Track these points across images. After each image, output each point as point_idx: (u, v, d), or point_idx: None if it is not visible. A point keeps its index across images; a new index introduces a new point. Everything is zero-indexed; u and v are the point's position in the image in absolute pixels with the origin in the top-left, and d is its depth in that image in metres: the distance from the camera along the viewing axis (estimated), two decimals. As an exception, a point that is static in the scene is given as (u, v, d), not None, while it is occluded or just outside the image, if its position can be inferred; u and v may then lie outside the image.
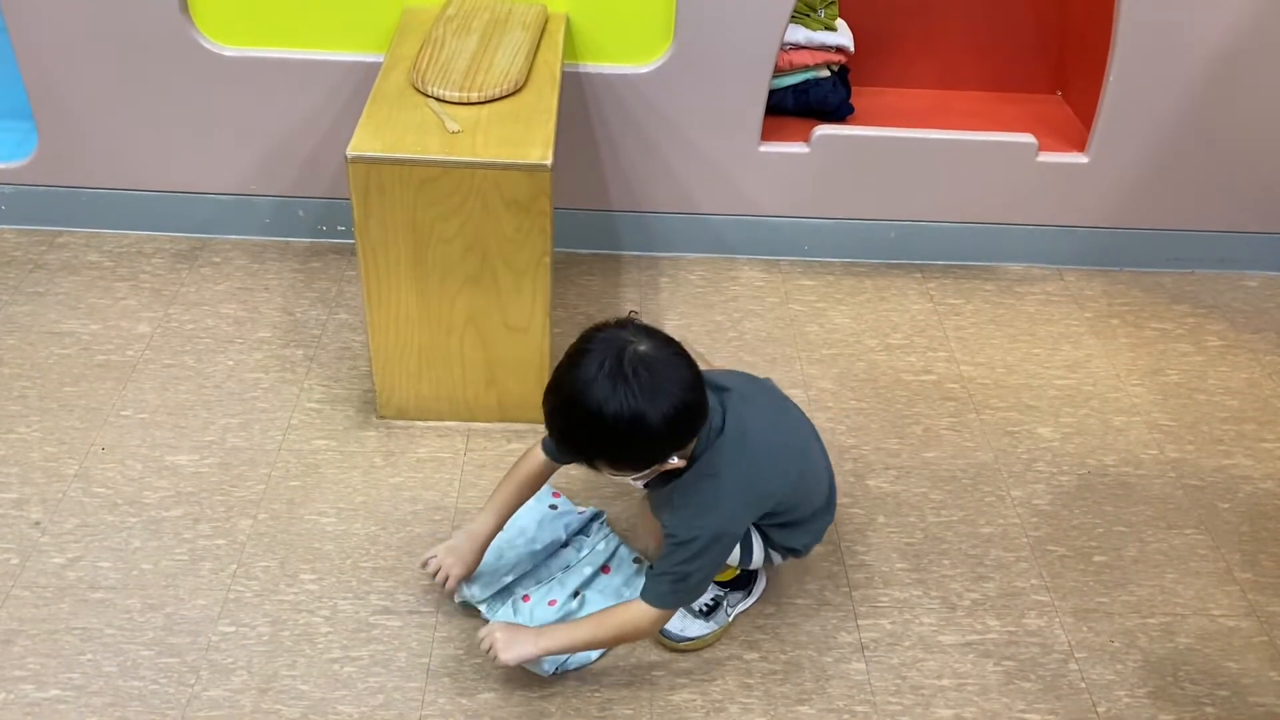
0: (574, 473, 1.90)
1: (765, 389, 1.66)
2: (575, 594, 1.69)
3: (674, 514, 1.48)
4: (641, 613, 1.50)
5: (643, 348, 1.35)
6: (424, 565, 1.65)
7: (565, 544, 1.78)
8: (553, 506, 1.82)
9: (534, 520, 1.77)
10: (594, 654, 1.64)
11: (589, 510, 1.83)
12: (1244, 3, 2.27)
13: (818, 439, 1.68)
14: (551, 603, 1.67)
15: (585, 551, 1.76)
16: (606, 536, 1.79)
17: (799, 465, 1.58)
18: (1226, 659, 1.72)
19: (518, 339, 1.94)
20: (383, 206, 1.79)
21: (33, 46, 2.27)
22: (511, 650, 1.50)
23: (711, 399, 1.46)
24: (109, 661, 1.60)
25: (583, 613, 1.65)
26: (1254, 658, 1.72)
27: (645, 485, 1.53)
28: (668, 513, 1.50)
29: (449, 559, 1.63)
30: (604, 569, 1.75)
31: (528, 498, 1.65)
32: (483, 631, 1.53)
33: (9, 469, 1.90)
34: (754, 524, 1.58)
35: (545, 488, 1.71)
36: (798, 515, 1.60)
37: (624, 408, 1.32)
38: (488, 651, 1.51)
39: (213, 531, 1.81)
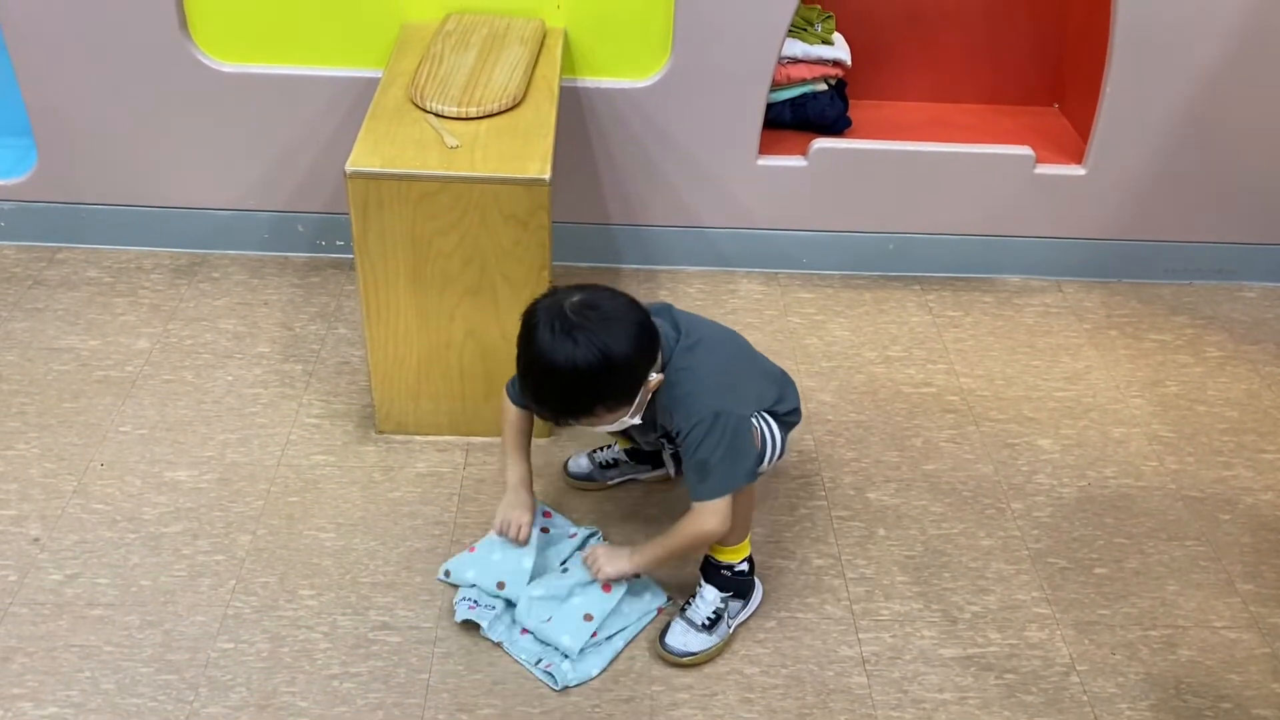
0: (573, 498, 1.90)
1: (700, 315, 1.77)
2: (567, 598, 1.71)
3: (664, 417, 1.59)
4: (698, 514, 1.59)
5: (576, 298, 1.49)
6: (501, 533, 1.74)
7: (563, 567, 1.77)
8: (544, 529, 1.81)
9: (528, 554, 1.75)
10: (595, 669, 1.63)
11: (582, 531, 1.83)
12: (1240, 16, 2.28)
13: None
14: (548, 620, 1.67)
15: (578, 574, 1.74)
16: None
17: (747, 347, 1.74)
18: (1229, 671, 1.71)
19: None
20: (381, 221, 1.79)
21: (32, 63, 2.28)
22: (612, 565, 1.67)
23: (657, 320, 1.59)
24: (107, 679, 1.60)
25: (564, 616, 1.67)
26: (1256, 670, 1.72)
27: (641, 419, 1.60)
28: (660, 420, 1.61)
29: (512, 513, 1.74)
30: (605, 588, 1.73)
31: (531, 435, 1.78)
32: (586, 555, 1.70)
33: (8, 485, 1.89)
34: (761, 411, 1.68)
35: (538, 506, 1.80)
36: (773, 396, 1.72)
37: (590, 351, 1.44)
38: (593, 565, 1.68)
39: (212, 547, 1.81)
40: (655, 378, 1.54)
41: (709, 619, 1.67)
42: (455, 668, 1.64)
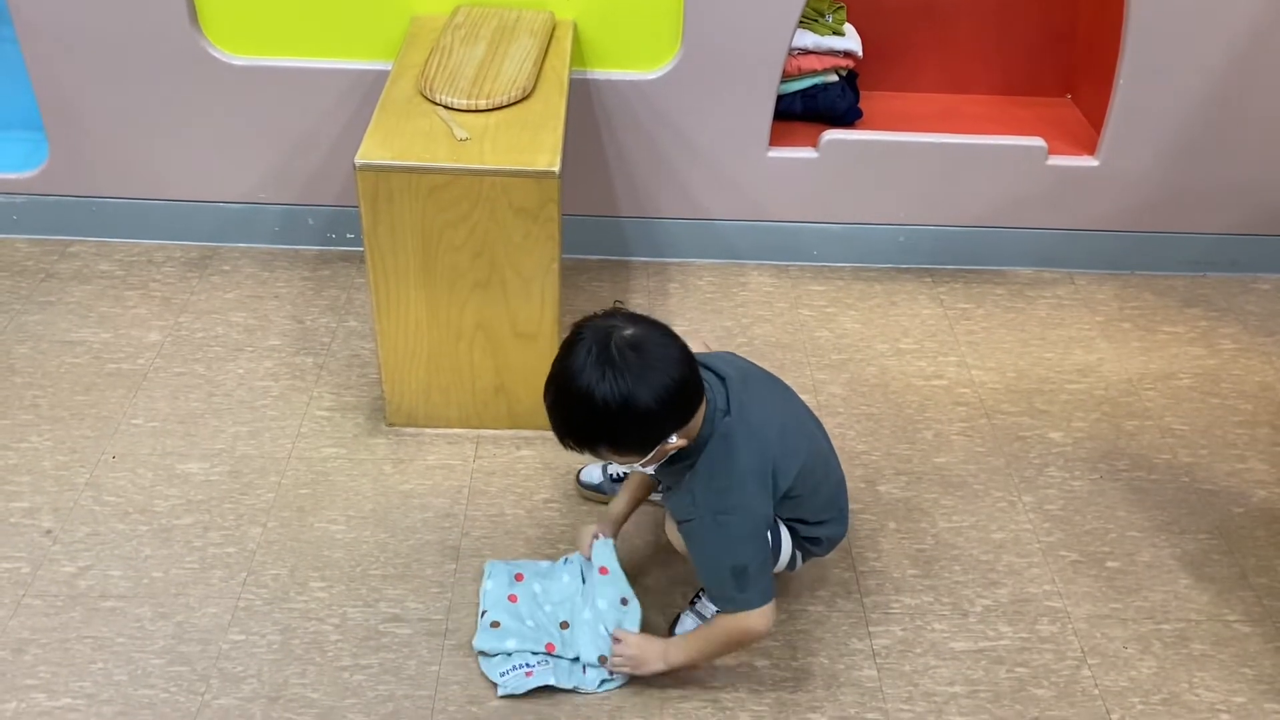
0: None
1: (763, 373, 1.66)
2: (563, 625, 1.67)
3: (690, 496, 1.48)
4: (736, 623, 1.51)
5: (628, 332, 1.39)
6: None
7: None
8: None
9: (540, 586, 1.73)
10: (590, 684, 1.61)
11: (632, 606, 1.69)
12: (1254, 5, 2.26)
13: (820, 428, 1.68)
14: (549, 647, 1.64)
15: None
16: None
17: (805, 444, 1.58)
18: (1242, 665, 1.70)
19: (527, 345, 1.94)
20: (391, 214, 1.79)
21: (43, 57, 2.28)
22: (643, 668, 1.58)
23: (713, 381, 1.50)
24: (120, 670, 1.61)
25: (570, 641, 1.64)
26: (1269, 664, 1.71)
27: (655, 474, 1.53)
28: (685, 495, 1.50)
29: (587, 530, 1.73)
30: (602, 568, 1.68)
31: (648, 494, 1.73)
32: (617, 649, 1.59)
33: (21, 477, 1.90)
34: (783, 519, 1.58)
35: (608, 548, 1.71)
36: (812, 505, 1.59)
37: (613, 391, 1.35)
38: (622, 665, 1.59)
39: (223, 539, 1.81)
40: (676, 441, 1.43)
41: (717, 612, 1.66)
42: (465, 659, 1.64)
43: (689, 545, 1.52)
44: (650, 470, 1.51)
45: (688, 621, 1.67)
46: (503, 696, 1.59)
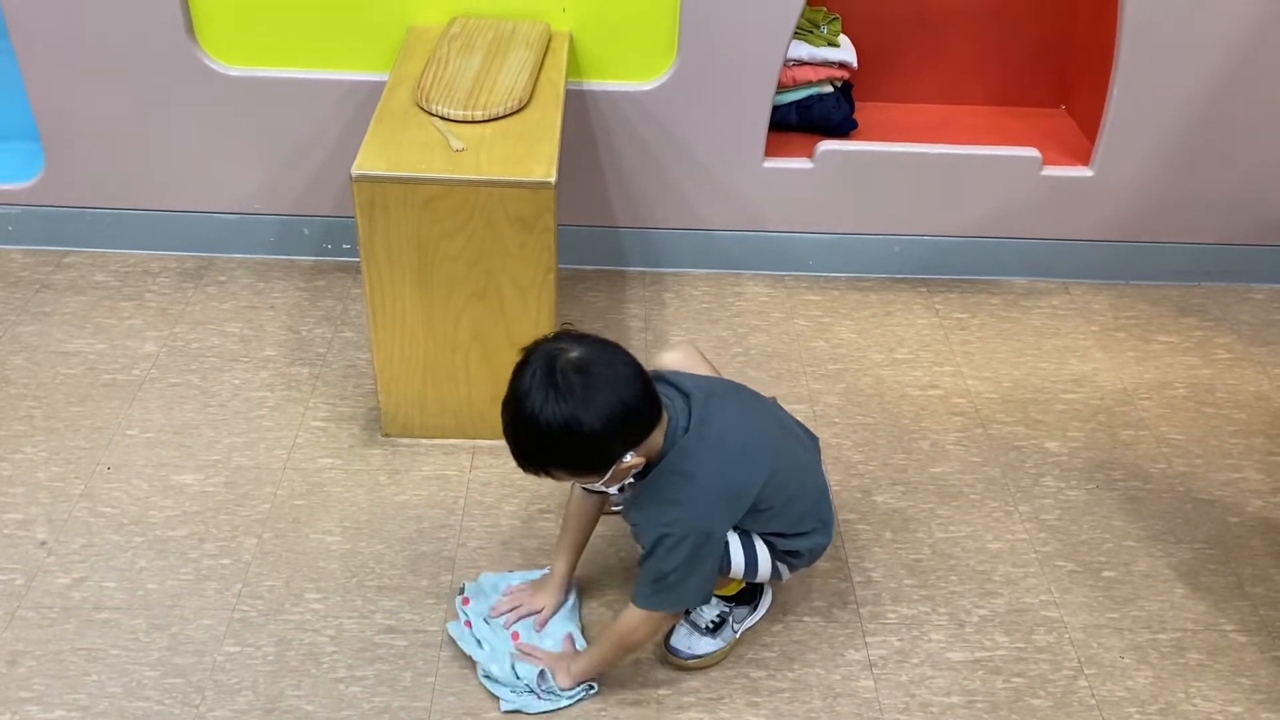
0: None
1: (733, 389, 1.64)
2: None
3: (641, 511, 1.51)
4: (631, 617, 1.54)
5: (574, 354, 1.38)
6: (507, 595, 1.70)
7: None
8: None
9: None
10: (576, 694, 1.61)
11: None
12: (1247, 15, 2.27)
13: (801, 439, 1.67)
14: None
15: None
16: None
17: (770, 459, 1.55)
18: (1239, 675, 1.70)
19: (523, 356, 1.93)
20: (387, 224, 1.79)
21: (39, 67, 2.28)
22: (560, 678, 1.59)
23: (675, 398, 1.50)
24: (114, 682, 1.60)
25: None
26: (1266, 673, 1.71)
27: (620, 490, 1.53)
28: (636, 510, 1.52)
29: (535, 597, 1.69)
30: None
31: (590, 531, 1.70)
32: (531, 664, 1.61)
33: (15, 489, 1.90)
34: (759, 534, 1.58)
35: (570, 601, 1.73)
36: (787, 518, 1.58)
37: (556, 414, 1.35)
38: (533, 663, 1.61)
39: (218, 551, 1.81)
40: (632, 459, 1.41)
41: (713, 622, 1.66)
42: (461, 671, 1.64)
43: (639, 544, 1.53)
44: (613, 490, 1.51)
45: (682, 630, 1.67)
46: (507, 713, 1.58)
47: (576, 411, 1.35)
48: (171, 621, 1.69)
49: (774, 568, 1.61)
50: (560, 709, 1.59)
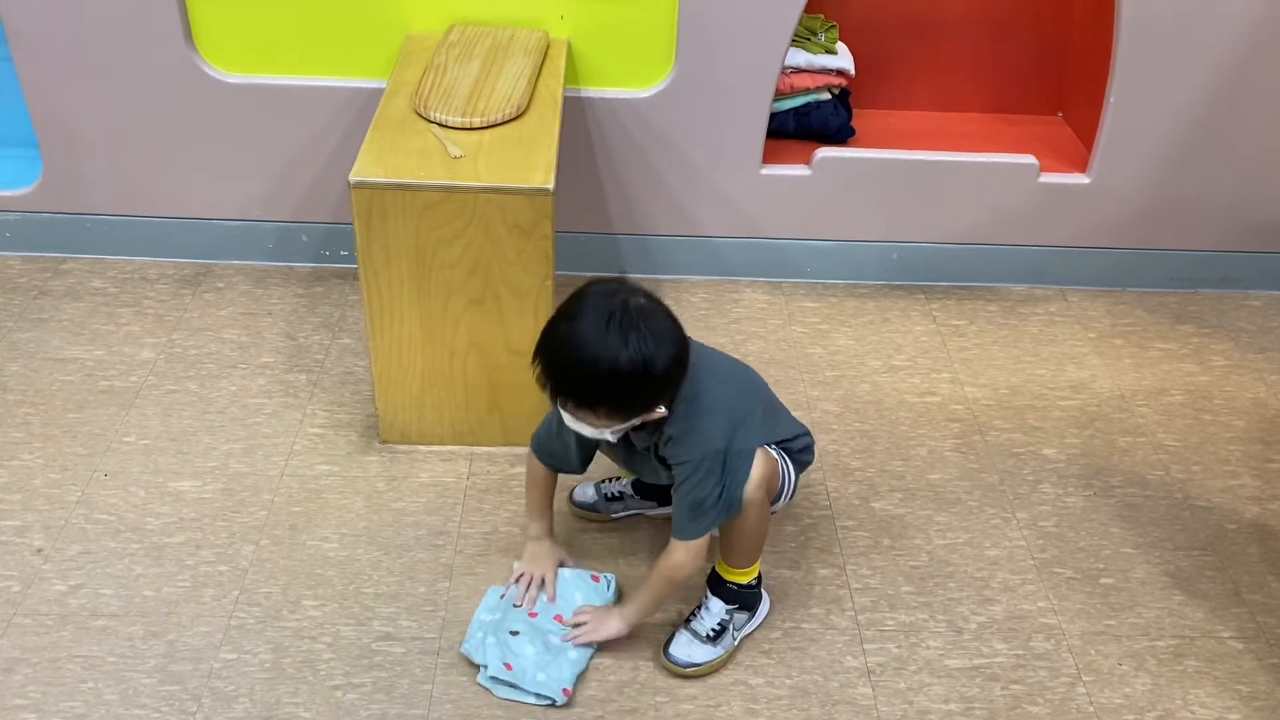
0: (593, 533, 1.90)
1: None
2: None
3: (676, 448, 1.55)
4: (676, 553, 1.58)
5: (641, 301, 1.47)
6: (516, 582, 1.74)
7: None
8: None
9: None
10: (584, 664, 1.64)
11: (605, 577, 1.77)
12: (1243, 23, 2.28)
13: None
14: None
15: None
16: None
17: (753, 377, 1.70)
18: (1236, 682, 1.70)
19: (520, 363, 1.92)
20: (385, 231, 1.79)
21: (37, 73, 2.29)
22: (604, 629, 1.65)
23: None
24: (110, 690, 1.59)
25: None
26: (1264, 680, 1.71)
27: (618, 440, 1.57)
28: (670, 450, 1.56)
29: (534, 565, 1.74)
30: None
31: (553, 494, 1.77)
32: (579, 617, 1.67)
33: (12, 495, 1.89)
34: (774, 444, 1.65)
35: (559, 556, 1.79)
36: (783, 423, 1.70)
37: (637, 355, 1.42)
38: (586, 634, 1.65)
39: (215, 558, 1.80)
40: (661, 411, 1.51)
41: (714, 630, 1.66)
42: (459, 679, 1.63)
43: (674, 478, 1.57)
44: (609, 435, 1.54)
45: (682, 639, 1.66)
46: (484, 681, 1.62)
47: (653, 356, 1.43)
48: (168, 628, 1.69)
49: (791, 477, 1.68)
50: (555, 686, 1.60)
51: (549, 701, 1.60)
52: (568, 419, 1.52)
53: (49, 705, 1.57)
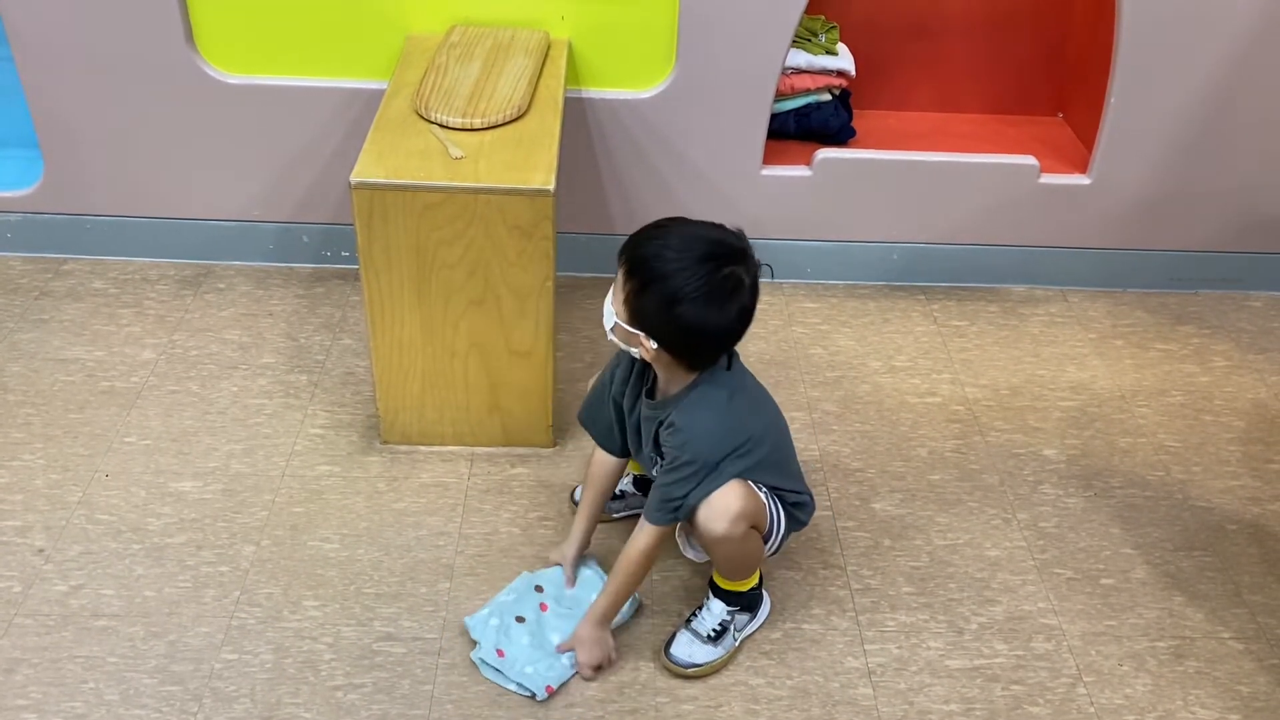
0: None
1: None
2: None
3: (673, 434, 1.56)
4: (644, 536, 1.60)
5: (744, 278, 1.55)
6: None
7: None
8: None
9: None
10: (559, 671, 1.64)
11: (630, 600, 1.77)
12: (1243, 24, 2.28)
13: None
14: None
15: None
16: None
17: (773, 418, 1.69)
18: (1237, 683, 1.70)
19: (521, 363, 1.94)
20: (386, 232, 1.79)
21: (38, 75, 2.29)
22: (595, 652, 1.64)
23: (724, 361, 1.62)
24: (111, 690, 1.60)
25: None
26: (1264, 681, 1.71)
27: (631, 411, 1.62)
28: (670, 434, 1.57)
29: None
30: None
31: (610, 489, 1.78)
32: (580, 656, 1.65)
33: (13, 496, 1.90)
34: (768, 487, 1.63)
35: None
36: (786, 473, 1.68)
37: (699, 293, 1.48)
38: (590, 664, 1.64)
39: (216, 558, 1.81)
40: (649, 345, 1.51)
41: (715, 630, 1.66)
42: (459, 679, 1.64)
43: (661, 469, 1.58)
44: (612, 337, 1.55)
45: (683, 639, 1.67)
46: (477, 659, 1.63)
47: (705, 310, 1.48)
48: (169, 629, 1.69)
49: (784, 528, 1.66)
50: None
51: (529, 694, 1.60)
52: (608, 301, 1.56)
53: (50, 705, 1.57)
